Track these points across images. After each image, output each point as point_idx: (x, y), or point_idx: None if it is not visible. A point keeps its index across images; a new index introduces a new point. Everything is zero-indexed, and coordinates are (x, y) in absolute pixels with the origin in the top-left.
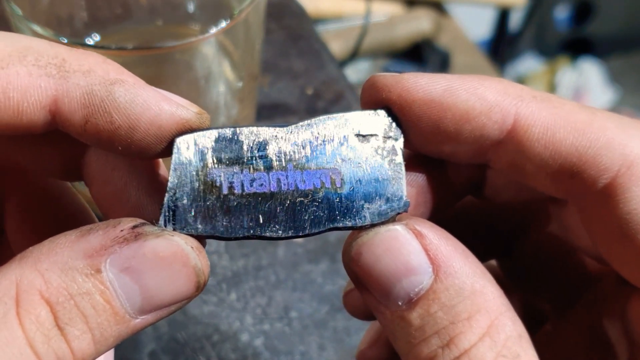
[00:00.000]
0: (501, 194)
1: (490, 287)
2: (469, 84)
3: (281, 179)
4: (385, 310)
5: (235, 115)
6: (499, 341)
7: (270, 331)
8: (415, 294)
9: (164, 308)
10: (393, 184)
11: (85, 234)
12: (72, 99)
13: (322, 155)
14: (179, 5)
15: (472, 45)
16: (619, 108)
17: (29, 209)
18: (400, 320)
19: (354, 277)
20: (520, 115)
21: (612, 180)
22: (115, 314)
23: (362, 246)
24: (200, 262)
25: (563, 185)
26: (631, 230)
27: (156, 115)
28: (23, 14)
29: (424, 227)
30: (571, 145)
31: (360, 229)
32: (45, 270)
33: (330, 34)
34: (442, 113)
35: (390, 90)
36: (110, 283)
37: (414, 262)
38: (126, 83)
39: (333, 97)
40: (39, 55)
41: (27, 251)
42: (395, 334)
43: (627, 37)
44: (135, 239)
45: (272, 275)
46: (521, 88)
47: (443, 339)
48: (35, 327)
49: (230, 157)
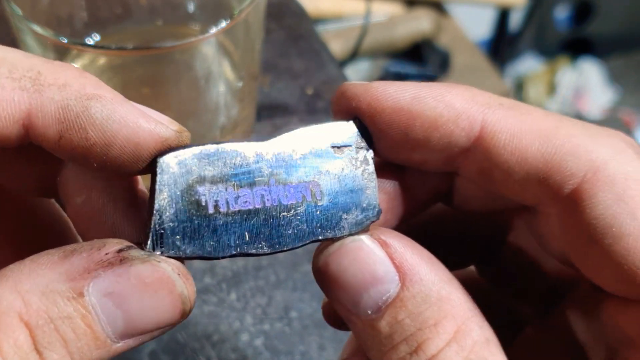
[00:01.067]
0: (471, 202)
1: (456, 293)
2: (436, 91)
3: (264, 194)
4: (357, 319)
5: (235, 115)
6: (466, 346)
7: (270, 331)
8: (383, 302)
9: (147, 333)
10: (367, 194)
11: (68, 255)
12: (47, 113)
13: (302, 167)
14: (179, 5)
15: (472, 45)
16: (619, 108)
17: (7, 224)
18: (370, 328)
19: (323, 287)
20: (487, 122)
21: (578, 186)
22: (96, 338)
23: (328, 257)
24: (187, 289)
25: (531, 191)
26: (598, 235)
27: (133, 133)
28: (23, 14)
29: (388, 237)
30: (537, 151)
31: (339, 239)
32: (26, 292)
33: (330, 34)
34: (410, 121)
35: (360, 99)
36: (92, 307)
37: (380, 272)
38: (103, 98)
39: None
40: (12, 67)
41: (6, 269)
42: (367, 343)
43: (627, 37)
44: (120, 263)
45: (272, 275)
46: (489, 96)
47: (411, 346)
48: (14, 351)
49: (214, 175)
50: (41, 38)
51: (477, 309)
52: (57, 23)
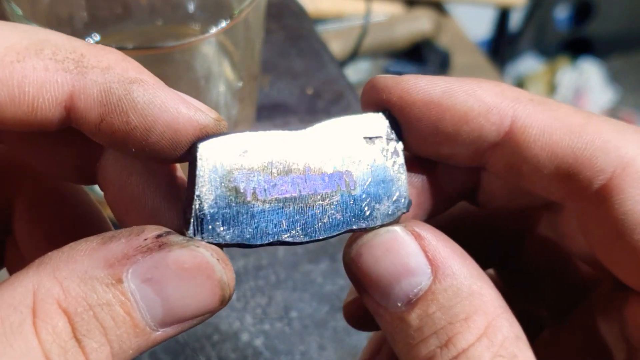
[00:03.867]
0: (495, 199)
1: (487, 289)
2: (467, 86)
3: (300, 183)
4: (385, 312)
5: (235, 115)
6: (496, 342)
7: (271, 331)
8: (414, 295)
9: (186, 321)
10: (398, 185)
11: (107, 241)
12: (89, 96)
13: (336, 157)
14: (179, 5)
15: (472, 45)
16: (619, 108)
17: (39, 211)
18: (399, 321)
19: (354, 278)
20: (518, 117)
21: (607, 181)
22: (135, 326)
23: (361, 247)
24: (226, 275)
25: (559, 187)
26: (627, 231)
27: (173, 119)
28: (23, 14)
29: (422, 229)
30: (567, 146)
31: (372, 230)
32: (64, 279)
33: (330, 34)
34: (441, 114)
35: (391, 92)
36: (131, 294)
37: (412, 264)
38: (145, 83)
39: (333, 97)
40: (56, 49)
41: (45, 257)
42: (395, 336)
43: (627, 37)
44: (159, 248)
45: (272, 275)
46: (518, 91)
47: (441, 339)
48: (52, 339)
49: (251, 163)
50: None
51: (506, 305)
52: (57, 23)
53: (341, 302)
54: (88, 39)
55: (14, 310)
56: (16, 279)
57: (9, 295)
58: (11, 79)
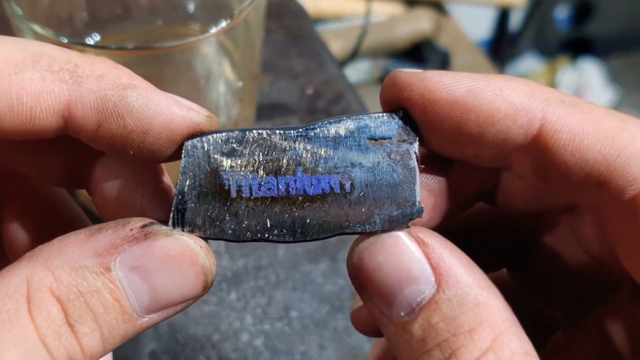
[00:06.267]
0: (515, 201)
1: (495, 301)
2: (494, 84)
3: (289, 183)
4: (389, 322)
5: (235, 115)
6: (504, 357)
7: (271, 331)
8: (417, 303)
9: (170, 307)
10: (405, 189)
11: (95, 232)
12: (86, 104)
13: (332, 159)
14: (179, 5)
15: (472, 45)
16: (619, 108)
17: (29, 217)
18: (402, 332)
19: (357, 284)
20: (547, 120)
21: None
22: (123, 312)
23: (363, 252)
24: (209, 262)
25: (587, 194)
26: None
27: (168, 119)
28: (23, 14)
29: (426, 235)
30: (599, 153)
31: (370, 234)
32: (56, 268)
33: (330, 34)
34: (465, 115)
35: (412, 89)
36: (119, 282)
37: (415, 270)
38: (138, 88)
39: (333, 97)
40: (52, 60)
41: (36, 249)
42: (399, 347)
43: (627, 37)
44: (145, 237)
45: (272, 275)
46: (548, 91)
47: (445, 352)
48: (47, 324)
49: (239, 161)
50: (41, 38)
51: (515, 319)
52: (57, 23)
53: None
54: (88, 39)
55: (9, 299)
56: (9, 271)
57: (4, 285)
58: (9, 91)
